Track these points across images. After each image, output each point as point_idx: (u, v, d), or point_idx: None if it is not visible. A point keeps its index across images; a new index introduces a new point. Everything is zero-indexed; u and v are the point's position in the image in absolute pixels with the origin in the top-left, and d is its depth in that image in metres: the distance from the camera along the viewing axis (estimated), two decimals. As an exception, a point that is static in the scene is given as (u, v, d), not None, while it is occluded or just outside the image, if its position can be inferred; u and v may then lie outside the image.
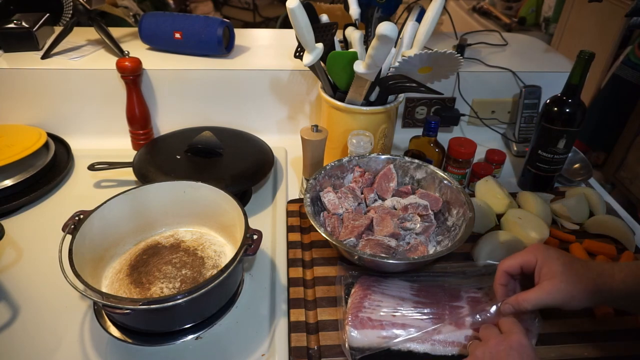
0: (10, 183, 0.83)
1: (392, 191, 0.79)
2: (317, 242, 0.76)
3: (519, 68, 1.07)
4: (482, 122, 1.08)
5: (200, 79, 1.01)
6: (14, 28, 1.01)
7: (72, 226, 0.62)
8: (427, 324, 0.59)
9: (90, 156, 0.92)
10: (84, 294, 0.55)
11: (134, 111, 0.96)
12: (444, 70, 0.78)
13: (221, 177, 0.82)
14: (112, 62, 0.94)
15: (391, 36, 0.67)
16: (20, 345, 0.60)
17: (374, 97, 0.85)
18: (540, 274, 0.54)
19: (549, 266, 0.53)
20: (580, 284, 0.52)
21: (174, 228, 0.77)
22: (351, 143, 0.81)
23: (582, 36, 1.91)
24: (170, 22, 1.02)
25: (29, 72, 0.97)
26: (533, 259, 0.55)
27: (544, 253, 0.55)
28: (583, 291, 0.52)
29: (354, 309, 0.61)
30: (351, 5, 0.90)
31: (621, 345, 0.61)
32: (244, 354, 0.60)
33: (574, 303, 0.52)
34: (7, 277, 0.70)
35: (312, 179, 0.75)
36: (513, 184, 0.96)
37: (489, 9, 2.56)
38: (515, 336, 0.51)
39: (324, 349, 0.59)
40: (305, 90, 1.05)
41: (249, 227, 0.64)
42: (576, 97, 0.80)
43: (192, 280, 0.67)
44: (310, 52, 0.80)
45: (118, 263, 0.70)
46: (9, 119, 1.00)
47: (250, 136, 0.99)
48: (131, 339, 0.61)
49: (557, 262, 0.53)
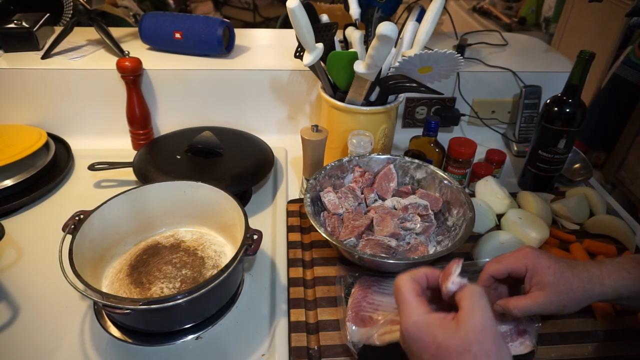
0: (11, 183, 0.83)
1: (392, 191, 0.79)
2: (317, 242, 0.76)
3: (519, 68, 1.07)
4: (482, 122, 1.08)
5: (201, 79, 1.01)
6: (14, 28, 1.01)
7: (72, 226, 0.62)
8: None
9: (90, 156, 0.92)
10: (84, 294, 0.55)
11: (134, 111, 0.96)
12: (444, 71, 0.78)
13: (221, 177, 0.82)
14: (112, 62, 0.94)
15: (391, 36, 0.67)
16: (20, 345, 0.60)
17: (374, 97, 0.85)
18: (531, 282, 0.52)
19: (540, 276, 0.51)
20: (571, 293, 0.50)
21: (174, 228, 0.77)
22: (351, 143, 0.81)
23: (582, 36, 1.91)
24: (170, 22, 1.02)
25: (29, 72, 0.97)
26: (522, 268, 0.53)
27: (534, 262, 0.52)
28: (574, 300, 0.50)
29: (354, 308, 0.61)
30: (351, 5, 0.90)
31: (621, 345, 0.61)
32: (244, 354, 0.60)
33: (566, 311, 0.51)
34: (7, 277, 0.70)
35: (312, 179, 0.75)
36: (513, 184, 0.96)
37: (489, 9, 2.56)
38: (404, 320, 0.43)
39: (324, 349, 0.59)
40: (305, 90, 1.05)
41: (249, 227, 0.64)
42: (576, 97, 0.80)
43: (192, 280, 0.67)
44: (310, 52, 0.80)
45: (118, 263, 0.70)
46: (9, 119, 1.00)
47: (250, 136, 0.99)
48: (131, 339, 0.61)
49: (549, 271, 0.51)
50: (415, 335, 0.41)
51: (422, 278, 0.46)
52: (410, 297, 0.43)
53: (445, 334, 0.40)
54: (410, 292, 0.44)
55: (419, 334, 0.41)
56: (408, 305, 0.43)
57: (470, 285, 0.44)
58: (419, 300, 0.43)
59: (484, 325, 0.40)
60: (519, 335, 0.59)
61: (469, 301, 0.42)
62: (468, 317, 0.40)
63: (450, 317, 0.41)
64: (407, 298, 0.43)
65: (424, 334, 0.41)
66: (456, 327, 0.40)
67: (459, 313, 0.41)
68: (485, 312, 0.41)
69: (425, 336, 0.41)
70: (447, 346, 0.39)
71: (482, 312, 0.41)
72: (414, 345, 0.42)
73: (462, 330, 0.39)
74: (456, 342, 0.39)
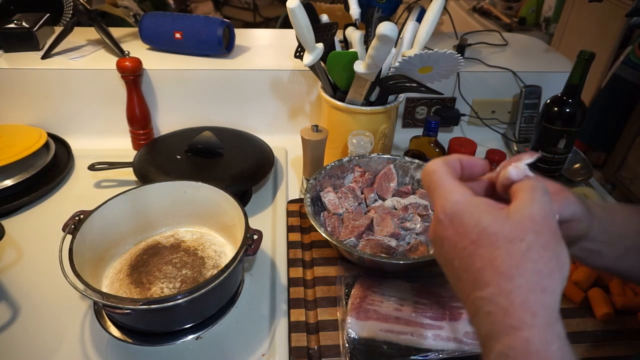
0: (11, 183, 0.83)
1: (392, 191, 0.79)
2: (317, 242, 0.76)
3: (519, 68, 1.07)
4: (482, 122, 1.08)
5: (201, 79, 1.01)
6: (14, 28, 1.01)
7: (72, 226, 0.62)
8: (427, 324, 0.59)
9: (90, 156, 0.92)
10: (84, 294, 0.55)
11: (134, 111, 0.96)
12: (444, 71, 0.78)
13: (221, 177, 0.82)
14: (112, 62, 0.94)
15: (391, 36, 0.67)
16: (21, 345, 0.60)
17: (374, 97, 0.85)
18: None
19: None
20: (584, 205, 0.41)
21: (174, 228, 0.77)
22: (351, 143, 0.81)
23: (582, 36, 1.91)
24: (170, 22, 1.02)
25: (29, 72, 0.96)
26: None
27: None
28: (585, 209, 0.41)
29: (353, 309, 0.61)
30: (351, 5, 0.90)
31: (621, 345, 0.61)
32: (244, 354, 0.60)
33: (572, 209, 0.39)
34: (7, 277, 0.70)
35: (312, 179, 0.75)
36: (513, 184, 0.96)
37: (489, 9, 2.55)
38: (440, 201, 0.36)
39: (324, 349, 0.59)
40: (305, 90, 1.04)
41: (249, 227, 0.64)
42: (576, 97, 0.80)
43: (193, 280, 0.67)
44: (311, 52, 0.80)
45: (118, 263, 0.70)
46: (9, 119, 1.00)
47: (250, 136, 0.99)
48: (131, 339, 0.61)
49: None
50: (455, 218, 0.34)
51: (456, 164, 0.38)
52: (448, 179, 0.36)
53: (492, 219, 0.32)
54: (448, 175, 0.36)
55: (460, 216, 0.34)
56: (448, 187, 0.35)
57: (536, 177, 0.36)
58: (459, 182, 0.36)
59: (544, 216, 0.32)
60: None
61: (529, 193, 0.34)
62: (525, 205, 0.33)
63: (500, 206, 0.34)
64: (444, 180, 0.36)
65: (465, 216, 0.33)
66: (507, 215, 0.33)
67: (513, 203, 0.34)
68: (547, 206, 0.33)
69: (467, 218, 0.33)
70: (495, 231, 0.32)
71: (542, 205, 0.33)
72: (450, 230, 0.34)
73: (515, 218, 0.32)
74: (506, 229, 0.32)
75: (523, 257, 0.31)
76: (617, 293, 0.66)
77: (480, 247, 0.32)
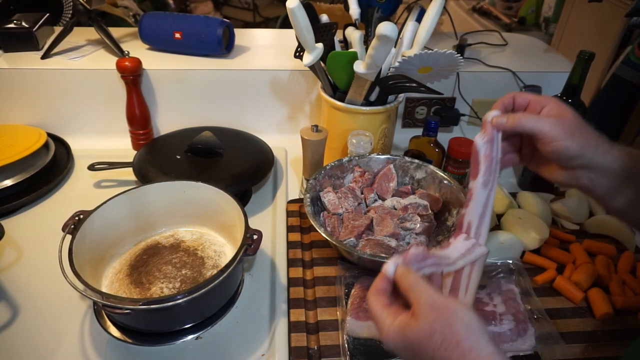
0: (10, 183, 0.83)
1: (392, 191, 0.79)
2: (317, 242, 0.76)
3: (519, 68, 1.07)
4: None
5: (200, 79, 1.01)
6: (14, 28, 1.01)
7: (72, 226, 0.62)
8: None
9: (90, 156, 0.92)
10: (84, 294, 0.55)
11: (134, 111, 0.96)
12: (444, 71, 0.78)
13: (221, 177, 0.82)
14: (112, 62, 0.94)
15: (391, 36, 0.67)
16: (20, 345, 0.60)
17: (374, 97, 0.85)
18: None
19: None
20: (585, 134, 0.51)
21: (174, 228, 0.77)
22: (351, 143, 0.81)
23: (582, 36, 1.91)
24: (170, 22, 1.02)
25: (29, 72, 0.97)
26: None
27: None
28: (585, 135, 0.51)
29: (353, 309, 0.61)
30: (351, 5, 0.90)
31: (621, 345, 0.61)
32: (244, 354, 0.60)
33: (569, 143, 0.50)
34: (7, 277, 0.70)
35: (312, 179, 0.75)
36: (513, 184, 0.96)
37: (489, 9, 2.55)
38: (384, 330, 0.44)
39: (324, 349, 0.59)
40: (305, 90, 1.05)
41: (249, 227, 0.64)
42: (576, 97, 0.80)
43: (192, 280, 0.67)
44: (310, 52, 0.80)
45: (118, 263, 0.70)
46: (9, 119, 1.00)
47: (250, 136, 0.99)
48: (131, 339, 0.61)
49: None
50: (395, 346, 0.43)
51: (383, 283, 0.47)
52: (377, 313, 0.44)
53: (412, 332, 0.41)
54: (377, 307, 0.45)
55: (396, 344, 0.43)
56: (379, 323, 0.44)
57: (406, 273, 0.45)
58: (386, 312, 0.44)
59: (432, 304, 0.41)
60: (519, 335, 0.59)
61: (412, 293, 0.43)
62: (419, 305, 0.42)
63: (410, 314, 0.43)
64: (375, 315, 0.45)
65: (399, 342, 0.42)
66: (416, 320, 0.41)
67: (412, 308, 0.43)
68: (427, 292, 0.43)
69: (401, 343, 0.42)
70: (419, 338, 0.41)
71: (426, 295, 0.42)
72: (400, 352, 0.44)
73: (421, 319, 0.41)
74: (422, 333, 0.41)
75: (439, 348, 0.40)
76: (617, 293, 0.66)
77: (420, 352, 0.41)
